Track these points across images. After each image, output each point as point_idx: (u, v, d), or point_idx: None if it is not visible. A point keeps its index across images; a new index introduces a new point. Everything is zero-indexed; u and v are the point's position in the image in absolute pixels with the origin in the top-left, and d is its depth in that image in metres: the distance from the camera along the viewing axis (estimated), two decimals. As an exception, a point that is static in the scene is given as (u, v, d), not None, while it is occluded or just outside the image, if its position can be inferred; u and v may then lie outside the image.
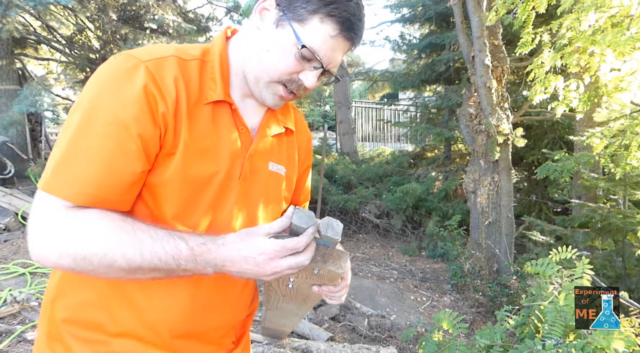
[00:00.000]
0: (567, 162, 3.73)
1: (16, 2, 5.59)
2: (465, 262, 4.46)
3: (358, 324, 3.41)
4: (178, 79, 0.79)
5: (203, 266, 0.75)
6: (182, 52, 0.84)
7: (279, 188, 0.96)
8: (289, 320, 1.09)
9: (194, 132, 0.81)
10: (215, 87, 0.84)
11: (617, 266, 3.73)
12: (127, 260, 0.71)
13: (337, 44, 0.82)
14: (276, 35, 0.82)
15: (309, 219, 0.75)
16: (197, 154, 0.81)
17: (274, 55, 0.82)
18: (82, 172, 0.72)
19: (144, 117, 0.74)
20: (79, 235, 0.71)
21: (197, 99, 0.82)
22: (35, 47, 8.22)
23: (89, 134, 0.72)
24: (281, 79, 0.84)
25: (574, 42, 3.10)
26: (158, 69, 0.77)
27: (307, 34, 0.80)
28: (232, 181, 0.86)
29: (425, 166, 8.05)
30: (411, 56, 8.96)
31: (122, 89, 0.74)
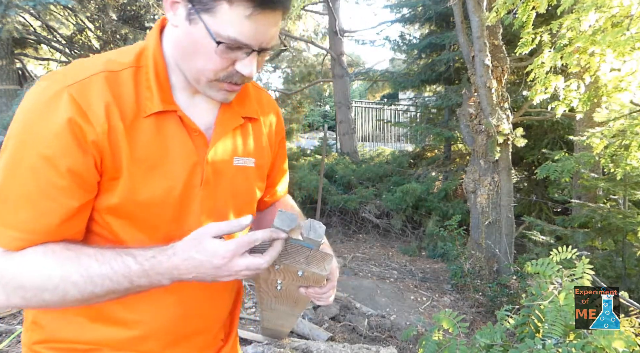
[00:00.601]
0: (567, 162, 3.74)
1: (16, 2, 5.59)
2: (465, 262, 4.46)
3: (358, 324, 3.41)
4: (108, 101, 0.73)
5: (158, 280, 0.73)
6: (113, 62, 0.77)
7: (249, 180, 0.92)
8: (285, 320, 1.09)
9: (136, 151, 0.75)
10: (152, 97, 0.77)
11: (617, 266, 3.73)
12: (79, 289, 0.70)
13: (258, 21, 0.71)
14: (192, 33, 0.73)
15: (291, 222, 0.74)
16: (145, 173, 0.76)
17: (198, 56, 0.75)
18: (12, 218, 0.70)
19: (72, 151, 0.70)
20: (23, 274, 0.69)
21: (135, 114, 0.75)
22: (35, 47, 8.23)
23: (16, 175, 0.69)
24: (218, 77, 0.77)
25: (574, 42, 3.11)
26: (82, 94, 0.71)
27: (220, 25, 0.70)
28: (192, 190, 0.81)
29: (425, 166, 8.05)
30: (411, 56, 8.96)
31: (45, 123, 0.69)
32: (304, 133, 15.57)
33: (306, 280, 0.81)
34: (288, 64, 13.58)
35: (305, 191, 6.22)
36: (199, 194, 0.82)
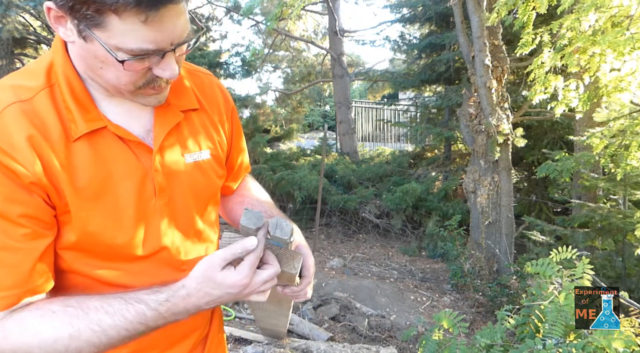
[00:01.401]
0: (567, 162, 3.74)
1: (16, 2, 5.59)
2: (465, 262, 4.46)
3: (358, 324, 3.41)
4: (30, 134, 0.66)
5: (175, 319, 0.72)
6: (21, 88, 0.69)
7: (207, 174, 0.86)
8: (277, 319, 1.10)
9: (76, 181, 0.70)
10: (74, 119, 0.70)
11: (617, 266, 3.73)
12: (93, 344, 0.67)
13: (158, 22, 0.62)
14: (92, 50, 0.65)
15: (258, 220, 0.75)
16: (92, 201, 0.71)
17: (107, 72, 0.68)
18: None
19: (16, 195, 0.65)
20: (24, 344, 0.65)
21: (64, 141, 0.69)
22: (35, 47, 8.23)
23: None
24: (138, 86, 0.70)
25: (574, 43, 3.11)
26: (1, 137, 0.65)
27: (117, 39, 0.62)
28: (147, 204, 0.77)
29: (425, 166, 8.05)
30: (411, 56, 8.97)
31: None
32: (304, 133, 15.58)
33: (280, 278, 0.81)
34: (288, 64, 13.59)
35: (305, 191, 6.22)
36: (156, 206, 0.78)
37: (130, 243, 0.76)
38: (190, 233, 0.85)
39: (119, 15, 0.60)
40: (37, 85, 0.70)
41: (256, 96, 11.27)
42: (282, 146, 10.95)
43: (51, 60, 0.73)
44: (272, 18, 4.52)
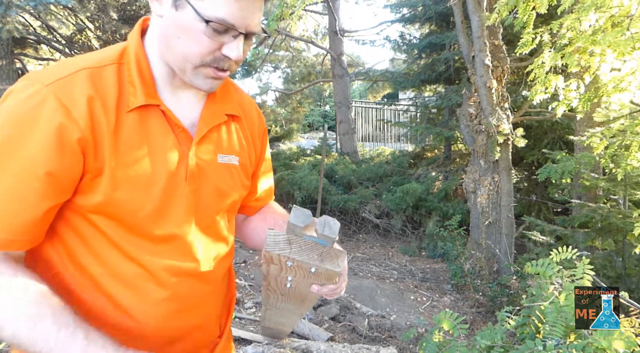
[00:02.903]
0: (568, 163, 3.73)
1: (16, 2, 5.59)
2: (465, 262, 4.46)
3: (358, 324, 3.41)
4: (92, 96, 0.72)
5: None
6: (94, 60, 0.77)
7: (234, 178, 0.91)
8: (288, 318, 1.08)
9: (119, 146, 0.75)
10: (135, 92, 0.77)
11: (617, 266, 3.73)
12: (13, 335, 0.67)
13: (245, 3, 0.73)
14: (179, 19, 0.74)
15: (306, 218, 0.75)
16: (127, 168, 0.76)
17: (185, 41, 0.75)
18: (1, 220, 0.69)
19: (53, 153, 0.69)
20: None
21: (118, 109, 0.75)
22: (35, 47, 8.23)
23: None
24: (204, 62, 0.77)
25: (574, 42, 3.11)
26: (65, 91, 0.71)
27: (208, 6, 0.72)
28: (178, 185, 0.81)
29: (425, 166, 8.05)
30: (411, 56, 8.97)
31: (25, 123, 0.68)
32: (304, 133, 15.58)
33: (318, 277, 0.80)
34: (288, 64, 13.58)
35: (305, 191, 6.22)
36: (184, 189, 0.82)
37: (151, 216, 0.78)
38: (207, 228, 0.87)
39: None
40: (109, 61, 0.78)
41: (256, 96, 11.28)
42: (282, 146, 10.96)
43: (125, 45, 0.81)
44: (273, 19, 4.51)
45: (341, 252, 0.80)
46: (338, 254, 0.80)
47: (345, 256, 0.81)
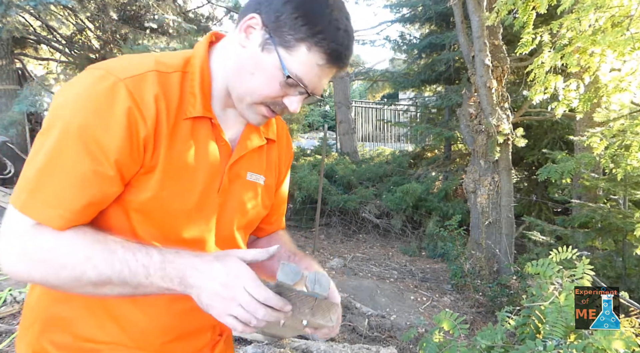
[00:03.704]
0: (568, 163, 3.73)
1: (16, 2, 5.59)
2: (465, 262, 4.46)
3: (358, 324, 3.41)
4: (159, 97, 0.77)
5: (170, 278, 0.73)
6: (162, 64, 0.81)
7: (257, 197, 0.96)
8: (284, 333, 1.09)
9: (173, 149, 0.80)
10: (195, 103, 0.82)
11: (617, 266, 3.73)
12: (97, 271, 0.72)
13: (323, 72, 0.81)
14: (261, 59, 0.79)
15: (295, 275, 0.72)
16: (175, 172, 0.80)
17: (258, 79, 0.80)
18: (60, 198, 0.72)
19: (124, 143, 0.73)
20: (50, 250, 0.72)
21: (176, 115, 0.80)
22: (35, 47, 8.22)
23: (66, 157, 0.71)
24: (265, 102, 0.83)
25: (574, 42, 3.11)
26: (138, 88, 0.75)
27: (293, 62, 0.78)
28: (210, 195, 0.86)
29: (425, 166, 8.05)
30: (411, 56, 8.97)
31: (102, 112, 0.72)
32: (304, 133, 15.57)
33: (310, 326, 0.79)
34: (288, 64, 13.59)
35: (305, 191, 6.22)
36: (215, 200, 0.87)
37: (184, 220, 0.83)
38: (224, 239, 0.91)
39: (309, 50, 0.77)
40: (175, 65, 0.82)
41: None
42: (282, 146, 10.91)
43: (190, 55, 0.85)
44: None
45: (334, 304, 0.78)
46: (330, 307, 0.78)
47: (338, 308, 0.79)
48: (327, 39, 0.77)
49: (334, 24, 0.77)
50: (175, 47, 7.25)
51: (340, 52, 0.79)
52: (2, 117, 6.34)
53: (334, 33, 0.77)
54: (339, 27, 0.78)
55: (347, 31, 0.80)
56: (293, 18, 0.76)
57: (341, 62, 0.80)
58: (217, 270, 0.73)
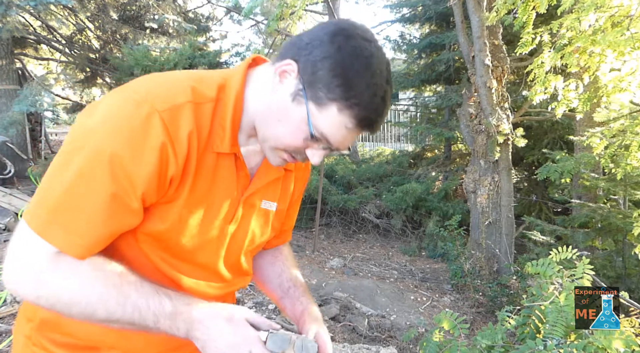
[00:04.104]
0: (568, 163, 3.73)
1: (16, 2, 5.59)
2: (466, 262, 4.46)
3: (358, 324, 3.41)
4: (192, 135, 0.74)
5: (177, 328, 0.74)
6: (198, 93, 0.77)
7: (268, 223, 0.96)
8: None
9: (197, 182, 0.79)
10: (224, 138, 0.79)
11: (617, 266, 3.73)
12: (108, 312, 0.71)
13: (351, 134, 0.78)
14: (290, 109, 0.76)
15: (283, 343, 0.77)
16: (196, 203, 0.80)
17: (283, 129, 0.78)
18: (83, 226, 0.69)
19: (152, 177, 0.71)
20: (65, 284, 0.70)
21: (205, 147, 0.78)
22: (35, 47, 8.23)
23: (94, 183, 0.68)
24: (287, 150, 0.81)
25: (574, 42, 3.11)
26: (174, 123, 0.72)
27: (321, 120, 0.75)
28: (225, 225, 0.86)
29: (425, 166, 8.05)
30: (411, 56, 8.96)
31: (136, 144, 0.69)
32: (304, 132, 15.52)
33: None
34: (288, 64, 13.58)
35: (305, 191, 6.20)
36: (226, 229, 0.87)
37: (196, 247, 0.83)
38: (231, 265, 0.92)
39: (340, 111, 0.74)
40: (209, 96, 0.79)
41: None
42: (282, 146, 10.90)
43: (226, 80, 0.82)
44: (273, 19, 4.51)
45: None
46: None
47: None
48: (361, 105, 0.73)
49: (371, 90, 0.73)
50: (175, 47, 7.25)
51: (371, 120, 0.76)
52: (2, 117, 6.34)
53: (369, 99, 0.74)
54: (376, 93, 0.74)
55: (384, 98, 0.76)
56: (330, 76, 0.72)
57: (371, 128, 0.78)
58: (225, 330, 0.74)
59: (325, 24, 0.79)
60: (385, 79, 0.76)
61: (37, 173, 6.02)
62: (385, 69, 0.77)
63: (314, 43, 0.75)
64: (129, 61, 6.11)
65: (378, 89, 0.74)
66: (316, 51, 0.74)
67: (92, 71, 8.27)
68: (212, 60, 6.27)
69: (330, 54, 0.73)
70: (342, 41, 0.73)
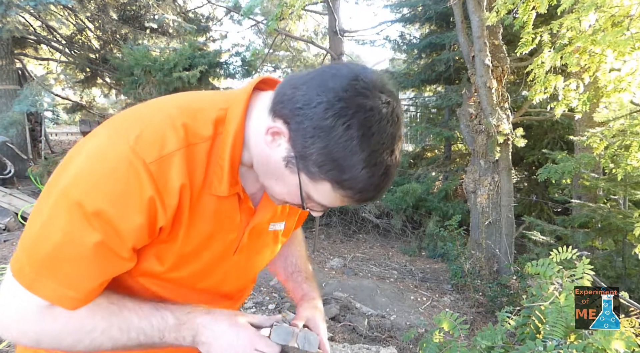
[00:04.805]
0: (568, 163, 3.73)
1: (16, 2, 5.59)
2: (465, 262, 4.46)
3: (358, 324, 3.41)
4: (184, 183, 0.69)
5: (183, 337, 0.75)
6: (192, 133, 0.70)
7: (275, 242, 0.94)
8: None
9: (194, 225, 0.74)
10: (222, 179, 0.72)
11: (617, 266, 3.73)
12: (113, 342, 0.71)
13: (344, 200, 0.73)
14: (284, 173, 0.71)
15: (287, 335, 0.80)
16: (194, 246, 0.76)
17: (280, 188, 0.74)
18: (73, 277, 0.67)
19: (142, 230, 0.68)
20: (66, 328, 0.69)
21: (200, 189, 0.72)
22: (35, 47, 8.23)
23: (81, 237, 0.65)
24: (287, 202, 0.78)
25: (574, 42, 3.11)
26: (162, 175, 0.66)
27: (315, 191, 0.70)
28: (227, 258, 0.83)
29: (425, 166, 8.05)
30: (411, 56, 8.96)
31: (121, 200, 0.65)
32: (304, 132, 15.52)
33: None
34: (288, 64, 13.59)
35: (305, 191, 6.20)
36: (230, 259, 0.84)
37: (196, 277, 0.82)
38: (238, 288, 0.93)
39: (334, 189, 0.69)
40: (204, 135, 0.71)
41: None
42: (282, 146, 10.90)
43: (225, 112, 0.73)
44: (273, 18, 4.51)
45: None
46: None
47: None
48: (355, 188, 0.68)
49: (369, 171, 0.66)
50: (175, 47, 7.24)
51: (370, 196, 0.70)
52: (2, 117, 6.34)
53: (366, 181, 0.67)
54: (374, 174, 0.66)
55: (386, 174, 0.68)
56: (321, 158, 0.66)
57: (371, 201, 0.72)
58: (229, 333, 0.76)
59: (327, 74, 0.68)
60: (390, 150, 0.68)
61: (37, 173, 6.02)
62: (392, 135, 0.67)
63: (307, 110, 0.65)
64: (129, 61, 6.11)
65: (377, 169, 0.67)
66: (307, 123, 0.65)
67: (92, 71, 8.27)
68: (212, 60, 6.27)
69: (323, 131, 0.64)
70: (339, 113, 0.64)
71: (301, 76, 0.71)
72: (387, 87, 0.68)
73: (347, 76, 0.66)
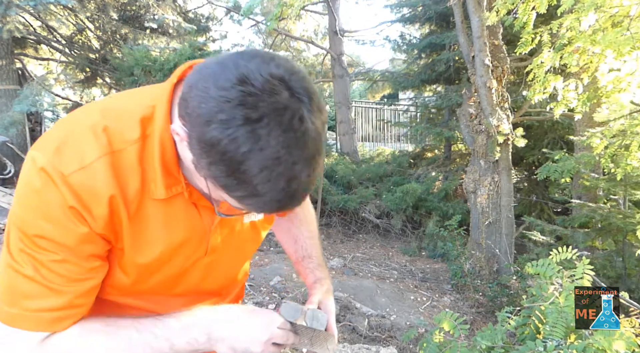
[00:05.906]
0: (568, 163, 3.74)
1: (16, 2, 5.59)
2: (465, 262, 4.46)
3: (358, 324, 3.41)
4: (113, 194, 0.65)
5: (195, 338, 0.73)
6: (115, 137, 0.65)
7: (258, 231, 0.90)
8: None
9: (142, 233, 0.71)
10: (156, 182, 0.68)
11: (617, 267, 3.73)
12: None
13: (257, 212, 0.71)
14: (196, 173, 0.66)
15: (295, 313, 0.80)
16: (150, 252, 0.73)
17: (203, 186, 0.68)
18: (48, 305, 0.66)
19: (92, 238, 0.66)
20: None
21: (140, 197, 0.68)
22: (35, 47, 8.23)
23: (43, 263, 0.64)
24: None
25: (573, 42, 3.11)
26: (84, 185, 0.63)
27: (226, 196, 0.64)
28: (196, 262, 0.80)
29: (425, 166, 8.05)
30: (411, 56, 8.96)
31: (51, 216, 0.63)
32: (304, 132, 15.50)
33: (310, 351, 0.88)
34: (288, 64, 13.57)
35: (305, 191, 6.19)
36: (202, 262, 0.81)
37: (166, 285, 0.80)
38: (220, 286, 0.92)
39: (241, 202, 0.63)
40: (130, 137, 0.66)
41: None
42: (282, 146, 10.88)
43: (152, 112, 0.68)
44: (272, 18, 4.52)
45: (330, 335, 0.88)
46: (327, 337, 0.87)
47: (334, 339, 0.89)
48: (254, 205, 0.63)
49: (262, 188, 0.58)
50: (175, 47, 7.25)
51: (273, 210, 0.63)
52: (2, 117, 6.34)
53: (263, 198, 0.60)
54: (271, 189, 0.58)
55: (288, 188, 0.59)
56: (211, 175, 0.60)
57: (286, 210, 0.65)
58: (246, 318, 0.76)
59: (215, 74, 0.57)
60: (291, 162, 0.57)
61: (37, 173, 6.00)
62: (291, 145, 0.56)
63: (192, 119, 0.58)
64: (128, 61, 6.12)
65: (274, 184, 0.58)
66: (194, 134, 0.58)
67: (92, 71, 8.27)
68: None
69: (207, 146, 0.57)
70: (220, 127, 0.55)
71: (199, 69, 0.61)
72: (290, 83, 0.58)
73: (232, 79, 0.56)
